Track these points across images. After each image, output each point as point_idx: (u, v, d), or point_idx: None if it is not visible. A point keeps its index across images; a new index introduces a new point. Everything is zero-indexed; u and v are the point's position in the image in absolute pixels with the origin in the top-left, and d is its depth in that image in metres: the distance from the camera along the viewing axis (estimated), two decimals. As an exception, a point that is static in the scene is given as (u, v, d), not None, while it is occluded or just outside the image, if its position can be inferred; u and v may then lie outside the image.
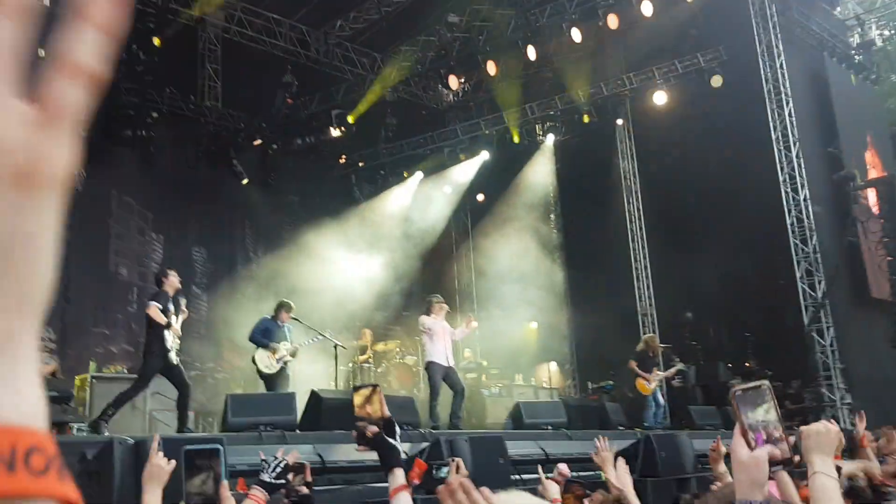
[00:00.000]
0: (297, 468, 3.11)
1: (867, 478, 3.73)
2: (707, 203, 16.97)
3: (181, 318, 9.04)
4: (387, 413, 2.46)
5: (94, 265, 15.51)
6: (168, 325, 8.63)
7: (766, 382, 1.73)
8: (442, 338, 10.78)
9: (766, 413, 1.67)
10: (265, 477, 2.52)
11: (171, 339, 8.60)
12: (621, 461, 4.38)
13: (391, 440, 2.43)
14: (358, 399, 2.51)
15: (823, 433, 2.12)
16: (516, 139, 19.38)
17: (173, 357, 8.60)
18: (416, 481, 2.36)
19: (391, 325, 17.60)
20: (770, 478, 1.64)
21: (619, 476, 4.26)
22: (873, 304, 16.67)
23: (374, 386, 2.54)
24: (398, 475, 2.38)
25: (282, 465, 2.50)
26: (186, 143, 17.13)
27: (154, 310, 8.66)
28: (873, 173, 18.12)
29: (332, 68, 18.30)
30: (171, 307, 8.86)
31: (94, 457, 5.22)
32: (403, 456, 2.48)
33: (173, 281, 9.05)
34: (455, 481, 1.40)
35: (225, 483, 1.82)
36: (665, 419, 13.12)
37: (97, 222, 15.72)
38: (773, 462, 1.62)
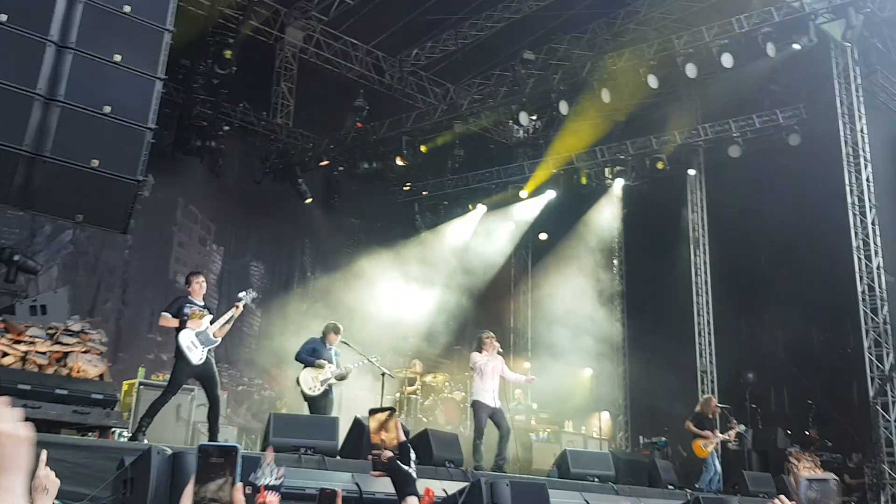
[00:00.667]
0: (329, 496, 2.97)
1: None
2: (776, 263, 16.47)
3: (228, 314, 8.85)
4: (402, 438, 2.35)
5: (154, 271, 15.72)
6: (182, 327, 8.54)
7: (834, 478, 1.49)
8: (491, 377, 10.54)
9: None
10: (270, 481, 2.40)
11: (188, 340, 8.49)
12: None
13: (406, 467, 2.30)
14: (374, 423, 2.41)
15: None
16: (584, 181, 19.11)
17: (193, 357, 8.45)
18: None
19: (441, 359, 17.41)
20: None
21: None
22: (946, 382, 15.89)
23: (391, 409, 2.43)
24: (411, 503, 2.25)
25: (274, 467, 2.40)
26: (254, 158, 17.36)
27: (162, 318, 8.70)
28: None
29: (404, 95, 18.40)
30: (194, 309, 8.75)
31: (132, 464, 5.14)
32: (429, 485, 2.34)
33: (195, 287, 8.98)
34: None
35: (239, 486, 1.68)
36: (720, 484, 12.62)
37: (162, 229, 15.97)
38: None
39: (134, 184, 6.81)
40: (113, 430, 8.00)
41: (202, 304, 8.90)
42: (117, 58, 6.83)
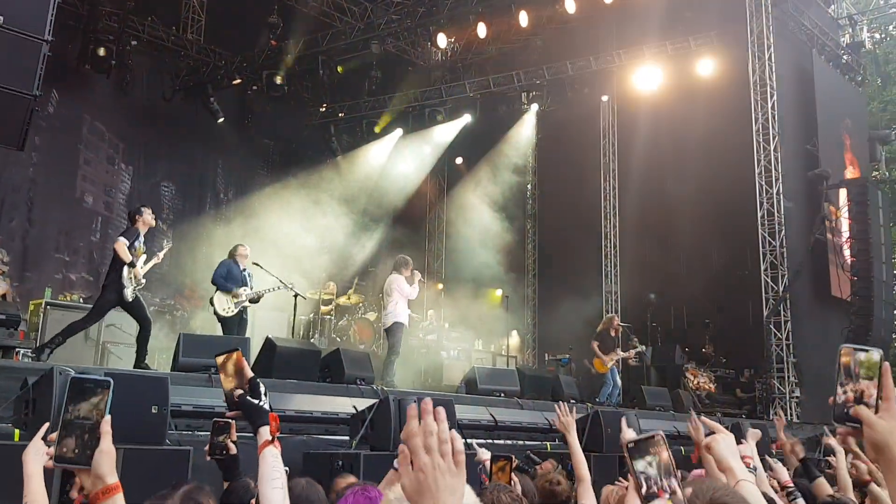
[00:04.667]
0: (223, 426, 3.09)
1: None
2: (682, 187, 17.00)
3: (152, 261, 8.91)
4: (249, 374, 2.48)
5: (60, 190, 15.26)
6: (131, 265, 8.49)
7: (660, 433, 1.69)
8: (408, 299, 10.84)
9: (661, 463, 1.64)
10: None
11: (128, 277, 8.46)
12: (563, 404, 4.48)
13: (255, 401, 2.43)
14: (220, 367, 2.52)
15: (728, 440, 2.16)
16: (500, 105, 19.20)
17: (129, 293, 8.48)
18: (276, 434, 2.41)
19: (356, 280, 17.55)
20: None
21: (562, 418, 4.35)
22: (832, 303, 16.90)
23: (234, 350, 2.53)
24: (263, 433, 2.41)
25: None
26: (164, 74, 16.81)
27: (121, 246, 8.54)
28: (849, 174, 18.23)
29: (320, 13, 17.95)
30: (140, 245, 8.71)
31: (34, 385, 5.14)
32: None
33: (147, 219, 8.91)
34: (431, 402, 1.37)
35: (108, 417, 1.78)
36: (619, 398, 13.27)
37: (67, 147, 15.45)
38: None
39: (30, 98, 6.59)
40: (17, 350, 7.91)
41: (144, 241, 8.85)
42: (9, -34, 6.52)
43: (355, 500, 2.61)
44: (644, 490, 1.63)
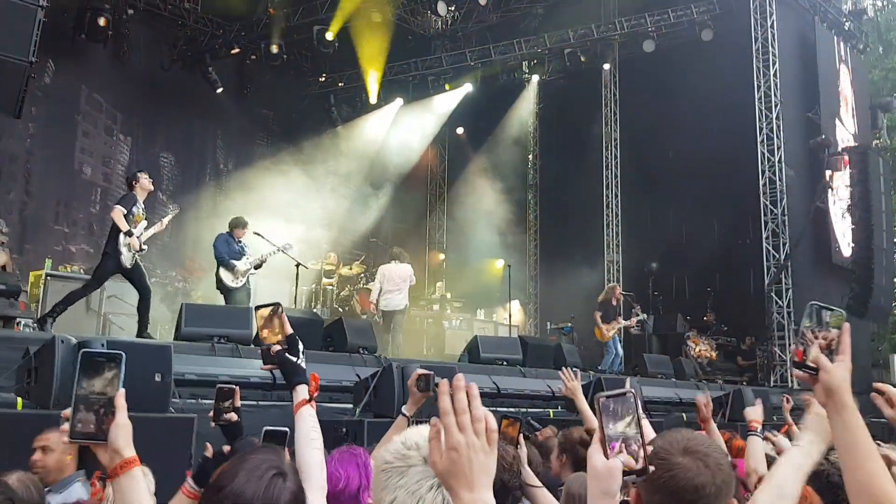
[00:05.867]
0: (227, 392, 3.04)
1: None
2: (684, 156, 16.92)
3: (155, 227, 8.85)
4: (289, 330, 2.44)
5: (58, 161, 15.16)
6: (129, 233, 8.44)
7: (631, 391, 1.69)
8: None
9: (626, 425, 1.66)
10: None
11: (124, 243, 8.41)
12: (567, 369, 4.50)
13: (294, 358, 2.40)
14: (260, 319, 2.48)
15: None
16: (501, 74, 19.05)
17: (126, 260, 8.43)
18: (315, 394, 2.38)
19: (357, 251, 17.53)
20: (623, 487, 1.63)
21: (568, 383, 4.38)
22: (834, 270, 16.90)
23: (277, 304, 2.50)
24: (301, 391, 2.40)
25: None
26: (161, 44, 16.65)
27: (118, 213, 8.48)
28: (850, 142, 18.15)
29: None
30: (139, 211, 8.66)
31: (36, 354, 5.13)
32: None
33: (144, 183, 8.84)
34: (463, 379, 1.36)
35: (122, 391, 1.75)
36: (621, 366, 13.31)
37: (65, 118, 15.33)
38: (626, 472, 1.61)
39: (26, 65, 6.50)
40: (18, 321, 7.89)
41: (143, 207, 8.78)
42: (2, -70, 6.41)
43: (340, 457, 2.67)
44: (610, 445, 1.63)
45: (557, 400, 9.40)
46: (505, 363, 10.48)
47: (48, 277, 10.86)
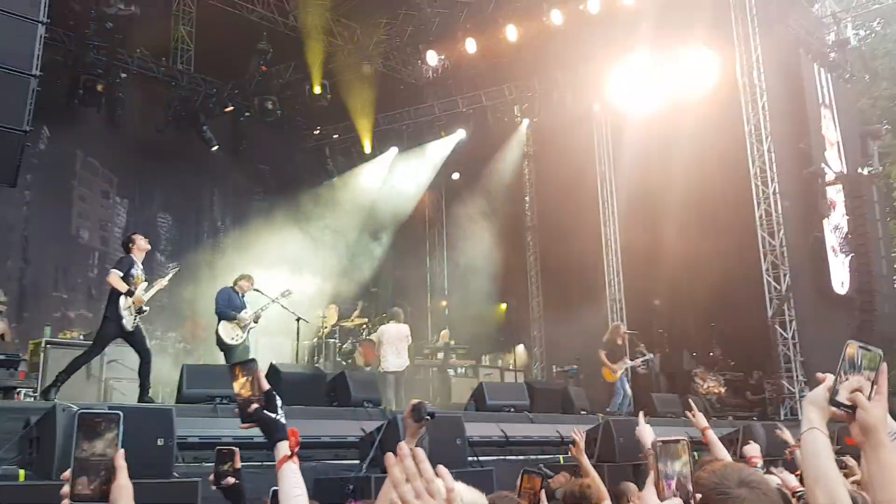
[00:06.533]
0: (227, 454, 2.97)
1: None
2: (678, 193, 16.90)
3: (156, 286, 8.81)
4: (266, 386, 2.38)
5: (55, 227, 15.19)
6: (129, 293, 8.40)
7: (684, 439, 1.85)
8: None
9: (682, 466, 1.83)
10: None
11: (126, 307, 8.36)
12: (577, 433, 4.54)
13: (272, 414, 2.35)
14: (235, 377, 2.43)
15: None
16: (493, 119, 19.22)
17: (127, 323, 8.38)
18: (295, 449, 2.31)
19: (358, 301, 17.47)
20: None
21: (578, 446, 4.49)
22: (835, 299, 16.83)
23: (251, 360, 2.45)
24: (281, 448, 2.33)
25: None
26: (155, 106, 16.75)
27: (114, 277, 8.45)
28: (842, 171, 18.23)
29: (310, 37, 17.94)
30: (138, 272, 8.62)
31: (37, 423, 5.06)
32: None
33: (141, 244, 8.82)
34: (406, 447, 1.34)
35: (122, 451, 1.72)
36: (630, 407, 13.17)
37: (60, 183, 15.40)
38: None
39: (21, 134, 6.52)
40: (18, 391, 7.80)
41: (142, 268, 8.75)
42: (-7, 2, 6.47)
43: None
44: (663, 488, 1.76)
45: (567, 445, 9.28)
46: (512, 409, 10.37)
47: (47, 345, 10.78)
